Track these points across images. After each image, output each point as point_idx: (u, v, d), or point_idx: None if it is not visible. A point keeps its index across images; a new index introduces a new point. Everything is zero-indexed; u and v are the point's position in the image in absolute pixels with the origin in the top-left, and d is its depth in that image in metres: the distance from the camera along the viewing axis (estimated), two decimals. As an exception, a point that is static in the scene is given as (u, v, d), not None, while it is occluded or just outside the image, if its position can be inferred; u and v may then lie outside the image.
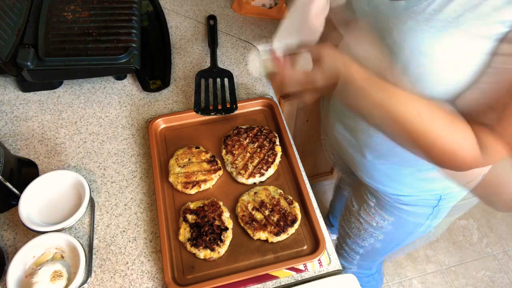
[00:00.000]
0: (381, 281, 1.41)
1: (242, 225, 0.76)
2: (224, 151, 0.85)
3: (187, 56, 1.04)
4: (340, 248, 1.17)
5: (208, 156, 0.84)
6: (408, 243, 1.02)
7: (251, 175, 0.81)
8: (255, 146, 0.85)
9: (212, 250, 0.72)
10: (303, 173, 0.83)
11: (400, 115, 0.56)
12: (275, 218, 0.75)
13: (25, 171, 0.82)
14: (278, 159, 0.84)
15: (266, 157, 0.83)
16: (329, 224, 1.73)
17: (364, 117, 0.63)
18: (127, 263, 0.74)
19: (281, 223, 0.75)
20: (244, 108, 0.92)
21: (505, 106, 0.53)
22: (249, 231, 0.75)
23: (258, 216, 0.76)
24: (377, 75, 0.58)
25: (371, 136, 0.76)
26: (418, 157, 0.62)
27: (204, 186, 0.80)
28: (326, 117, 0.92)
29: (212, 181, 0.81)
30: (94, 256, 0.75)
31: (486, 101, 0.55)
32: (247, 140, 0.86)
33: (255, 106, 0.93)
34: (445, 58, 0.55)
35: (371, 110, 0.59)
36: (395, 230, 0.95)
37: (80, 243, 0.71)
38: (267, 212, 0.76)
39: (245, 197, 0.79)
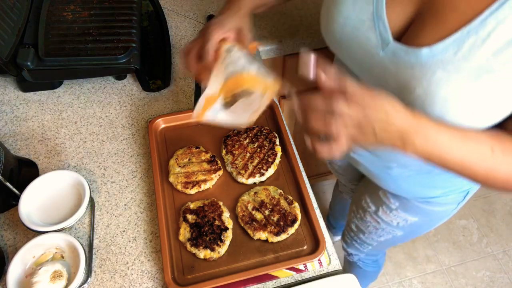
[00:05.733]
0: (383, 263, 1.41)
1: (242, 225, 0.76)
2: (224, 151, 0.85)
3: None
4: (350, 240, 1.15)
5: (208, 156, 0.84)
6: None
7: (251, 175, 0.81)
8: (255, 146, 0.85)
9: (212, 250, 0.72)
10: (303, 173, 0.83)
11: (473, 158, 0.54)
12: (275, 218, 0.75)
13: (25, 171, 0.82)
14: (278, 159, 0.84)
15: (266, 157, 0.83)
16: (330, 226, 1.73)
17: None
18: (127, 263, 0.74)
19: (281, 223, 0.75)
20: (244, 108, 0.92)
21: None
22: (249, 231, 0.75)
23: (258, 216, 0.76)
24: None
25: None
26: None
27: (204, 186, 0.80)
28: None
29: (212, 181, 0.81)
30: (94, 256, 0.75)
31: None
32: (247, 140, 0.86)
33: (255, 106, 0.93)
34: (487, 100, 0.52)
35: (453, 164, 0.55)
36: (418, 227, 0.93)
37: (80, 243, 0.71)
38: (267, 212, 0.76)
39: (245, 197, 0.79)
